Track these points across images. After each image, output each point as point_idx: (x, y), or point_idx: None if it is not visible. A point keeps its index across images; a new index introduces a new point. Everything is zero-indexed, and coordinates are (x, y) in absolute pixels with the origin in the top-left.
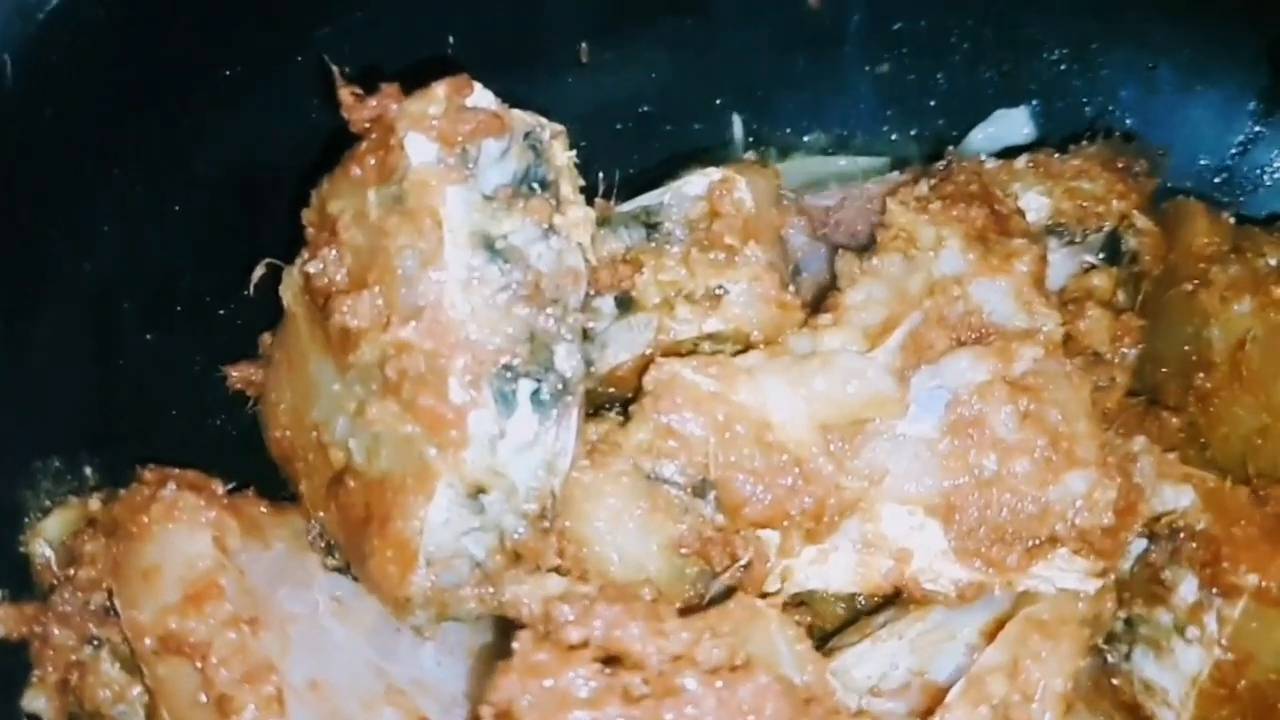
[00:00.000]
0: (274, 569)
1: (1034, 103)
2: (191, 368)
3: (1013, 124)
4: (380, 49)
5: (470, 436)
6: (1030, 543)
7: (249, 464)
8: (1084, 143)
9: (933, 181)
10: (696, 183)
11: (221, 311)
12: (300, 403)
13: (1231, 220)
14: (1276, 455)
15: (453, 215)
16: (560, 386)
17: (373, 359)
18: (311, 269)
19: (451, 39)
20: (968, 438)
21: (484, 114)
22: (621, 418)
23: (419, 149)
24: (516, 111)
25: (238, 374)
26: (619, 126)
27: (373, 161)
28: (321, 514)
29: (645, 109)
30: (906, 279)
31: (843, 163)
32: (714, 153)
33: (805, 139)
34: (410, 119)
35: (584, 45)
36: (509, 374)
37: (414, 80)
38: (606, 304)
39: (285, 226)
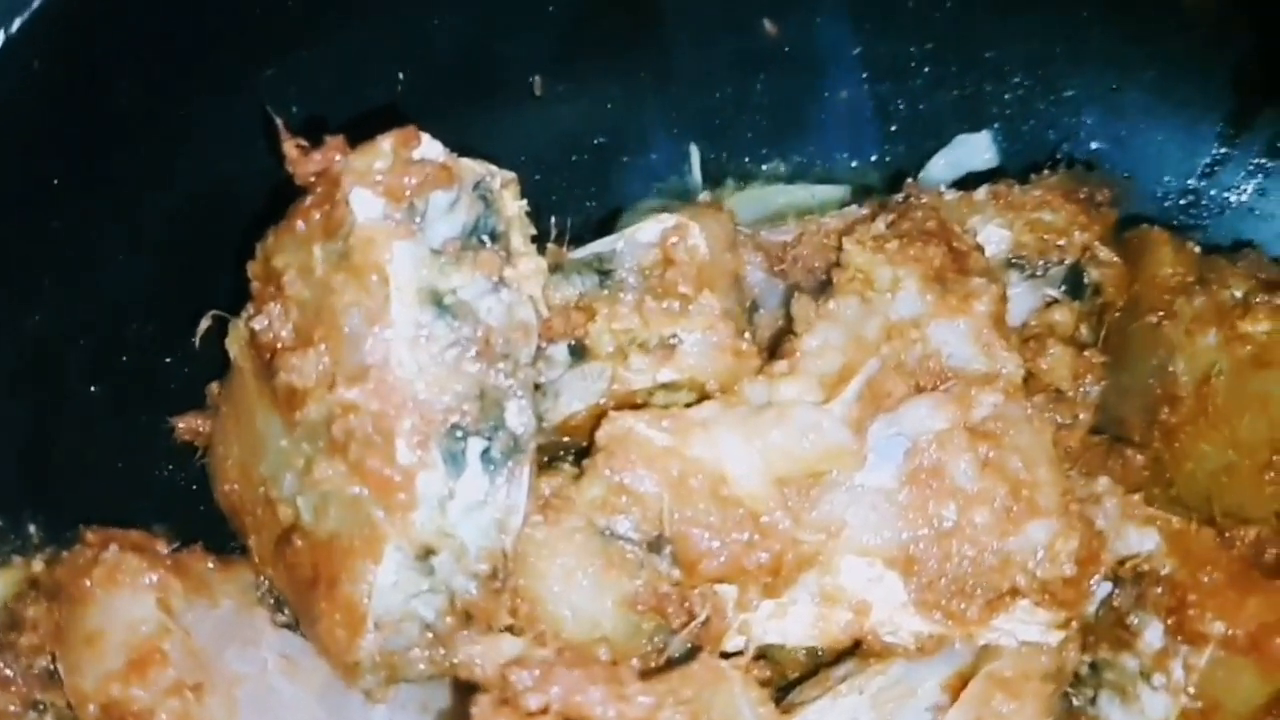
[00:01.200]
0: (221, 628)
1: (996, 126)
2: (138, 419)
3: (975, 149)
4: (328, 88)
5: (419, 498)
6: (991, 594)
7: (198, 515)
8: (1045, 172)
9: (890, 218)
10: (649, 229)
11: (168, 360)
12: (248, 457)
13: (1197, 250)
14: (1242, 493)
15: (400, 272)
16: (511, 444)
17: (319, 417)
18: (257, 325)
19: (401, 75)
20: (927, 488)
21: (431, 166)
22: (575, 470)
23: (364, 205)
24: (466, 161)
25: (185, 425)
26: (574, 159)
27: (318, 216)
28: (270, 571)
29: (601, 140)
30: (863, 323)
31: (801, 192)
32: (671, 183)
33: (764, 167)
34: (355, 174)
35: (537, 78)
36: (458, 433)
37: (361, 129)
38: (560, 352)
39: (232, 274)
